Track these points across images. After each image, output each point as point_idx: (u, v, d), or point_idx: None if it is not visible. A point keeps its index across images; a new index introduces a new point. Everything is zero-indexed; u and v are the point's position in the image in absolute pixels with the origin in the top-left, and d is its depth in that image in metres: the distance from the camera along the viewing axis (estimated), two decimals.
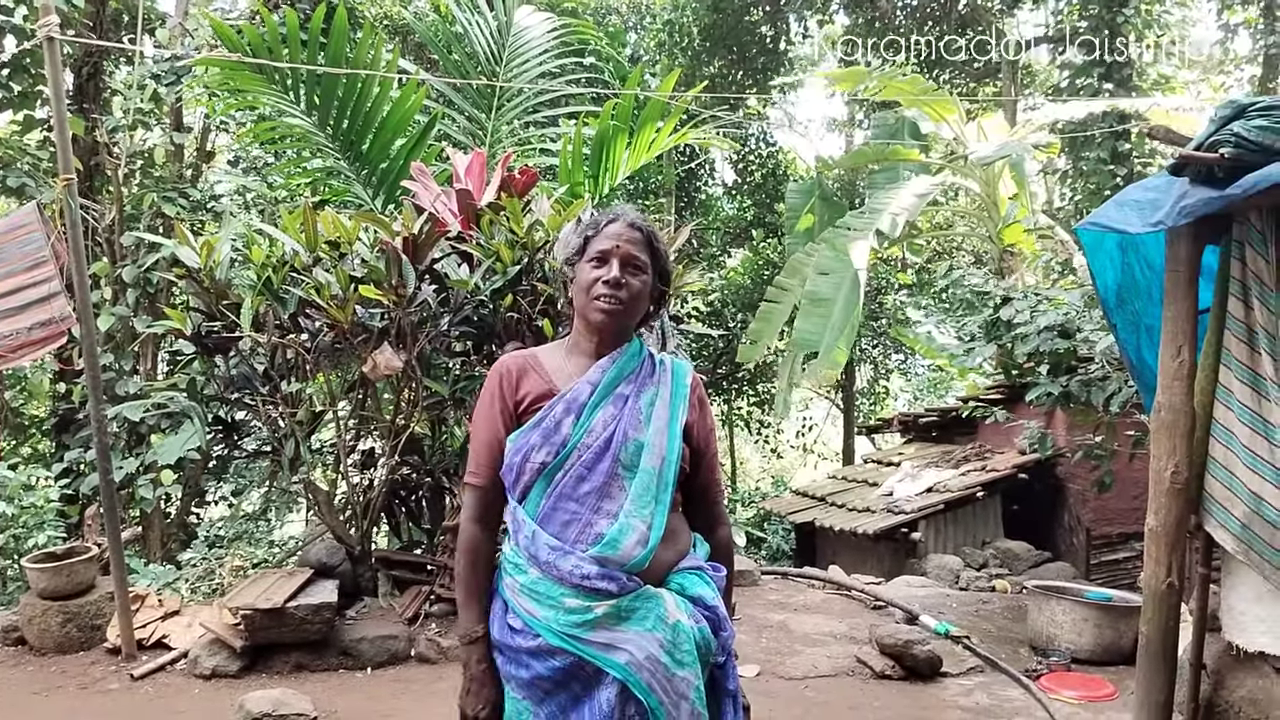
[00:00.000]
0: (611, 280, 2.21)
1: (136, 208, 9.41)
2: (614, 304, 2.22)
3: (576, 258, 2.30)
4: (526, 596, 2.16)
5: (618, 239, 2.24)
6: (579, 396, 2.21)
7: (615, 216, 2.29)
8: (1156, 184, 3.94)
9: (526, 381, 2.28)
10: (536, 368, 2.31)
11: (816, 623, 6.13)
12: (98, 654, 5.48)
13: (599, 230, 2.28)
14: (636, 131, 7.35)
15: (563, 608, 2.10)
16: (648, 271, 2.28)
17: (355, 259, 5.57)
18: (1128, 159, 13.37)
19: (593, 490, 2.16)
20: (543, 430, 2.18)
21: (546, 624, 2.11)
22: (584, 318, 2.28)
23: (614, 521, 2.13)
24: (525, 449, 2.19)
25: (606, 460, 2.17)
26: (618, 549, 2.11)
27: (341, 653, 5.35)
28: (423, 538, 6.57)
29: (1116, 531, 8.86)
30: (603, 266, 2.23)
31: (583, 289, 2.25)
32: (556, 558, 2.11)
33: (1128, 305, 4.43)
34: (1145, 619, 3.98)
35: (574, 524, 2.15)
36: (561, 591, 2.11)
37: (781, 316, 12.29)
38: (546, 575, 2.13)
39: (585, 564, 2.10)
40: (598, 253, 2.24)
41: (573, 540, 2.13)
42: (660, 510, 2.17)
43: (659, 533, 2.16)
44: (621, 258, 2.23)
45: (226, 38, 7.07)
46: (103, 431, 5.42)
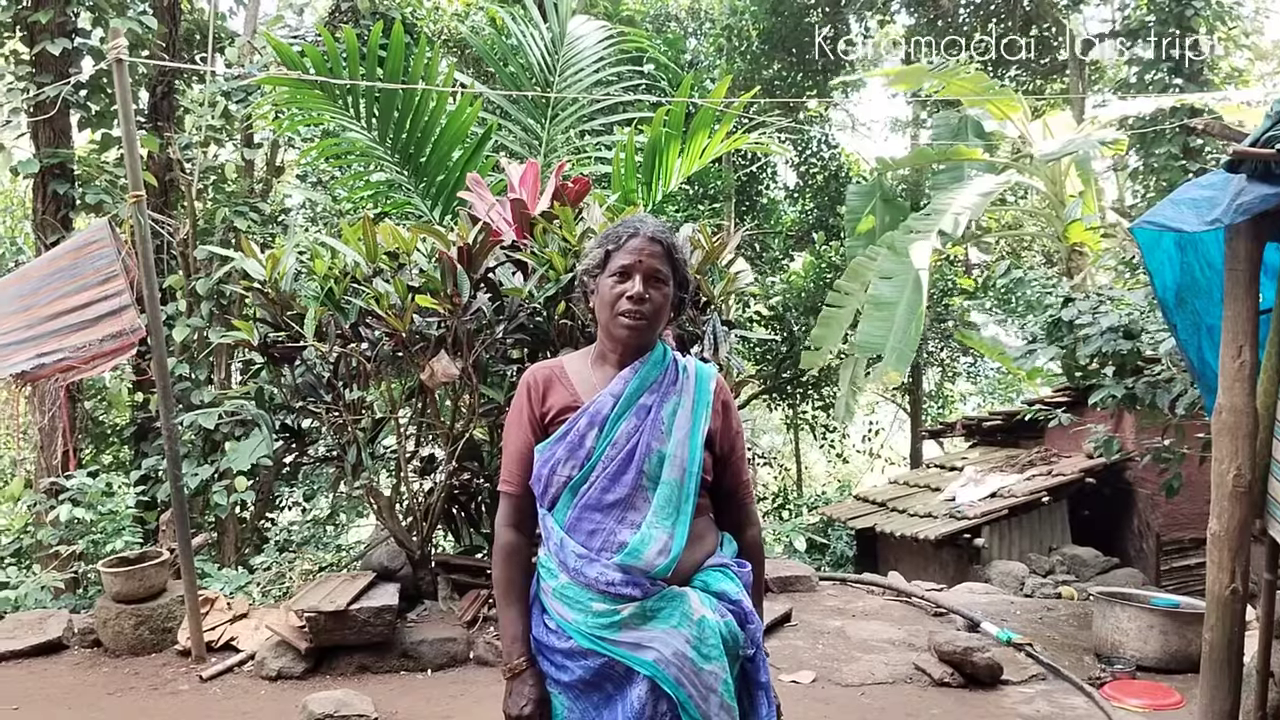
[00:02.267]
0: (635, 295, 2.24)
1: (210, 222, 9.67)
2: (637, 319, 2.25)
3: (598, 271, 2.32)
4: (558, 600, 2.22)
5: (639, 254, 2.26)
6: (602, 410, 2.25)
7: (635, 230, 2.30)
8: (1213, 181, 3.86)
9: (552, 393, 2.32)
10: (562, 378, 2.35)
11: (874, 629, 6.08)
12: (169, 656, 5.66)
13: (620, 245, 2.29)
14: (688, 138, 7.37)
15: (590, 611, 2.16)
16: (669, 283, 2.30)
17: (413, 269, 5.68)
18: (1200, 154, 13.07)
19: (617, 502, 2.21)
20: (567, 444, 2.23)
21: (576, 626, 2.17)
22: (608, 331, 2.31)
23: (636, 532, 2.18)
24: (551, 462, 2.24)
25: (630, 472, 2.21)
26: (640, 558, 2.15)
27: (402, 655, 5.45)
28: (481, 542, 6.65)
29: (1188, 536, 8.62)
30: (625, 281, 2.25)
31: (606, 304, 2.28)
32: (583, 564, 2.17)
33: (1188, 305, 4.34)
34: (1208, 625, 3.89)
35: (598, 534, 2.20)
36: (589, 596, 2.17)
37: (844, 321, 12.20)
38: (574, 581, 2.19)
39: (610, 571, 2.15)
40: (620, 268, 2.26)
41: (598, 549, 2.18)
42: (682, 521, 2.21)
43: (681, 542, 2.20)
44: (644, 272, 2.25)
45: (288, 58, 7.24)
46: (173, 440, 5.59)
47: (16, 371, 5.51)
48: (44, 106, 8.65)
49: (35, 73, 8.90)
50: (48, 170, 8.98)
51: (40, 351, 5.52)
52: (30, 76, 8.87)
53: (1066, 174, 12.28)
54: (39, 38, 8.77)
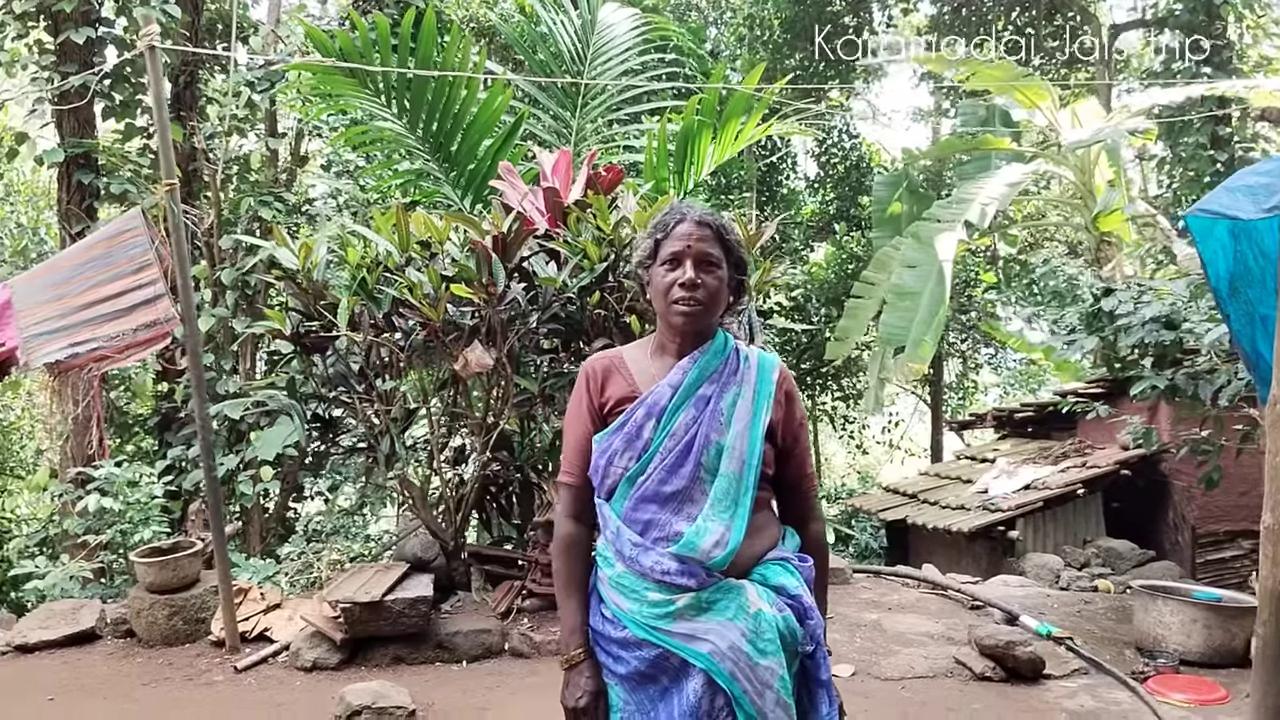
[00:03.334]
0: (687, 282, 2.20)
1: (234, 212, 9.65)
2: (693, 305, 2.21)
3: (649, 261, 2.29)
4: (614, 589, 2.21)
5: (688, 239, 2.23)
6: (659, 400, 2.21)
7: (682, 215, 2.27)
8: (1268, 168, 3.79)
9: (611, 384, 2.30)
10: (621, 369, 2.32)
11: (911, 623, 6.02)
12: (202, 646, 5.64)
13: (668, 232, 2.26)
14: (721, 126, 7.31)
15: (645, 600, 2.14)
16: (722, 266, 2.26)
17: (446, 259, 5.64)
18: (1228, 144, 12.94)
19: (675, 493, 2.18)
20: (625, 435, 2.21)
21: (631, 616, 2.15)
22: (665, 321, 2.28)
23: (692, 524, 2.15)
24: (609, 453, 2.22)
25: (689, 464, 2.18)
26: (695, 549, 2.12)
27: (437, 646, 5.42)
28: (513, 533, 6.63)
29: (1224, 529, 8.53)
30: (677, 269, 2.22)
31: (660, 293, 2.25)
32: (638, 553, 2.15)
33: (1241, 294, 4.26)
34: (1261, 620, 3.83)
35: (655, 525, 2.17)
36: (645, 585, 2.15)
37: (869, 312, 12.13)
38: (630, 570, 2.17)
39: (665, 560, 2.13)
40: (670, 255, 2.23)
41: (654, 538, 2.16)
42: (740, 513, 2.17)
43: (739, 535, 2.16)
44: (694, 257, 2.22)
45: (320, 43, 7.21)
46: (207, 429, 5.57)
47: (50, 361, 5.49)
48: (68, 96, 8.63)
49: (59, 62, 8.87)
50: (72, 160, 8.96)
51: (74, 341, 5.49)
52: (54, 66, 8.85)
53: (1095, 163, 12.17)
54: (63, 27, 8.74)
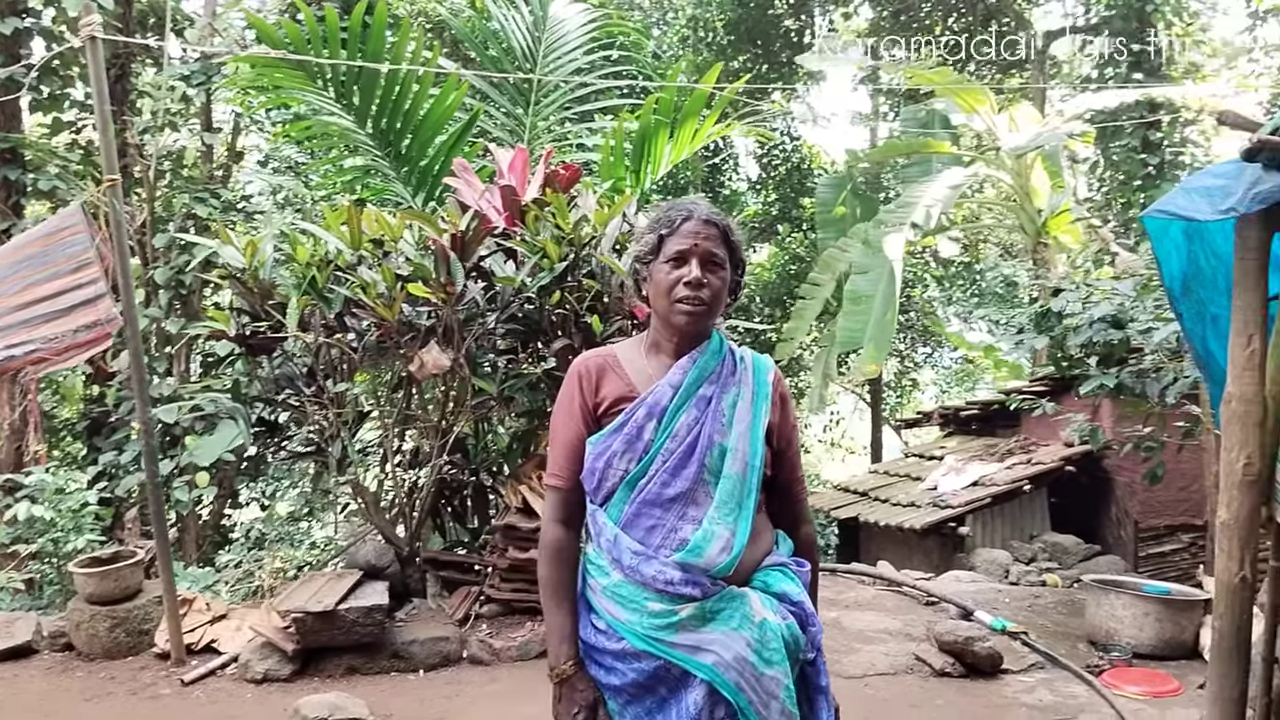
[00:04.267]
0: (693, 281, 2.13)
1: (167, 209, 9.41)
2: (698, 305, 2.15)
3: (651, 257, 2.21)
4: (609, 599, 2.12)
5: (695, 237, 2.16)
6: (660, 400, 2.15)
7: (689, 213, 2.19)
8: (1225, 170, 3.84)
9: (606, 383, 2.22)
10: (616, 368, 2.25)
11: (870, 620, 6.06)
12: (146, 659, 5.45)
13: (674, 228, 2.18)
14: (678, 125, 7.28)
15: (646, 611, 2.06)
16: (726, 266, 2.20)
17: (400, 257, 5.53)
18: (1159, 148, 13.25)
19: (678, 496, 2.11)
20: (625, 436, 2.13)
21: (630, 627, 2.08)
22: (665, 319, 2.21)
23: (698, 528, 2.08)
24: (607, 455, 2.14)
25: (692, 466, 2.11)
26: (702, 555, 2.06)
27: (393, 655, 5.31)
28: (468, 537, 6.53)
29: (1164, 524, 8.75)
30: (682, 266, 2.15)
31: (663, 291, 2.17)
32: (640, 562, 2.08)
33: (1193, 294, 4.33)
34: (1217, 614, 3.89)
35: (658, 530, 2.10)
36: (645, 595, 2.08)
37: (814, 312, 12.23)
38: (629, 579, 2.10)
39: (669, 569, 2.06)
40: (676, 252, 2.16)
41: (656, 546, 2.09)
42: (745, 516, 2.12)
43: (744, 539, 2.11)
44: (701, 256, 2.15)
45: (266, 34, 7.04)
46: (149, 434, 5.40)
47: None
48: None
49: None
50: None
51: (9, 343, 5.27)
52: None
53: (1032, 167, 12.38)
54: None
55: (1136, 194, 13.15)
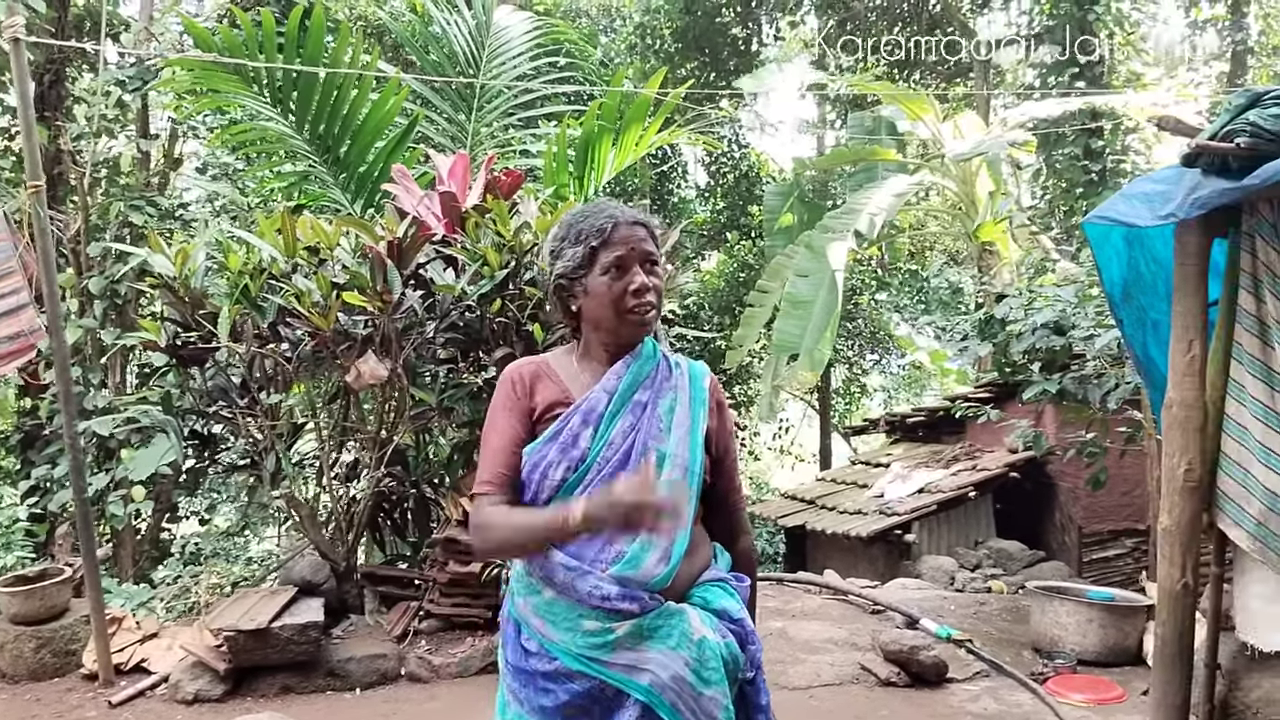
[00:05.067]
0: (640, 288, 2.07)
1: (102, 217, 9.16)
2: (648, 311, 2.09)
3: (582, 272, 2.11)
4: (541, 618, 2.03)
5: (629, 242, 2.08)
6: (596, 406, 2.07)
7: (615, 219, 2.09)
8: (1165, 176, 3.86)
9: (541, 388, 2.14)
10: (549, 374, 2.17)
11: (816, 629, 6.01)
12: (73, 680, 5.27)
13: (605, 238, 2.08)
14: (622, 131, 7.21)
15: (580, 629, 1.98)
16: (660, 264, 2.14)
17: (336, 265, 5.41)
18: (1101, 155, 13.38)
19: None
20: (559, 445, 2.05)
21: (564, 646, 1.99)
22: (611, 331, 2.13)
23: (634, 538, 1.99)
24: (542, 465, 2.05)
25: (628, 474, 2.02)
26: (639, 567, 1.98)
27: (329, 674, 5.18)
28: (409, 551, 6.40)
29: (1108, 529, 8.81)
30: (625, 275, 2.07)
31: (607, 304, 2.08)
32: (573, 578, 1.98)
33: (1134, 300, 4.34)
34: (1160, 620, 3.89)
35: (593, 542, 2.00)
36: (579, 613, 1.99)
37: (763, 319, 12.23)
38: (562, 596, 2.00)
39: (605, 584, 1.97)
40: (614, 261, 2.07)
41: (591, 559, 2.00)
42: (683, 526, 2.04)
43: (682, 549, 2.03)
44: (640, 260, 2.09)
45: (201, 38, 6.87)
46: (77, 449, 5.22)
47: None
48: None
49: None
50: None
51: None
52: None
53: (976, 174, 12.49)
54: None
55: (1079, 201, 13.27)
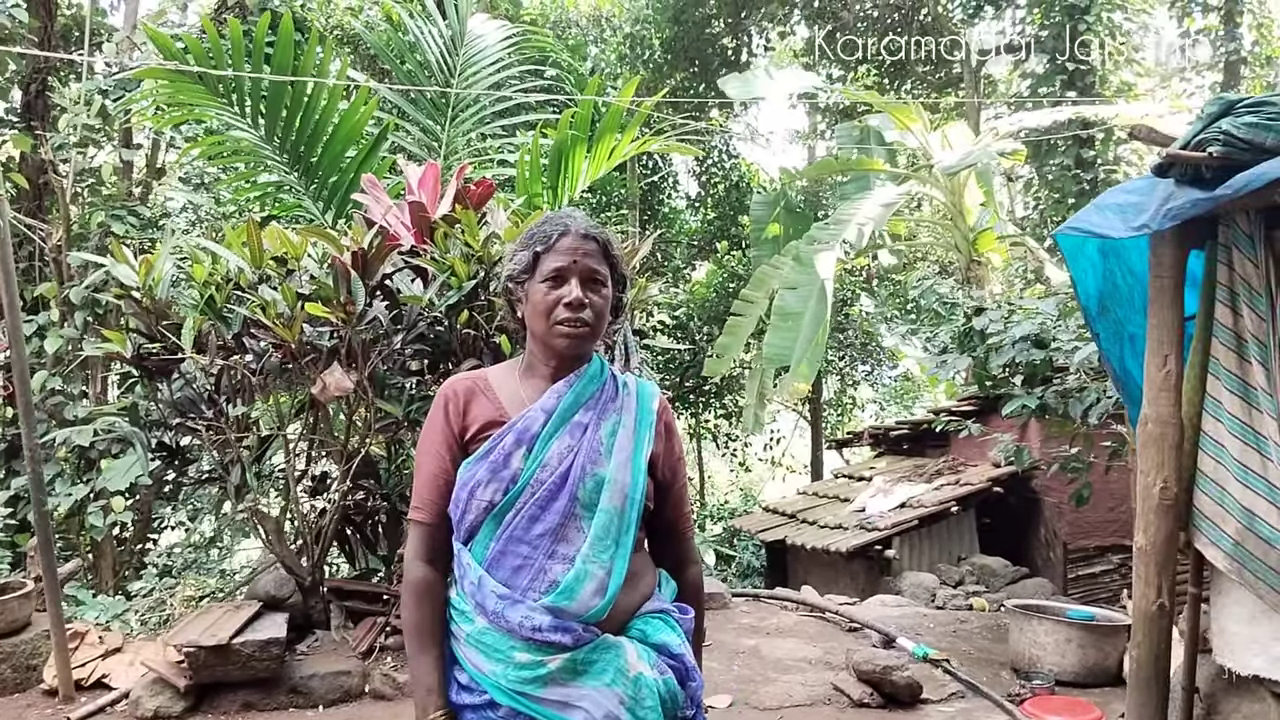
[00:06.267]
0: (574, 302, 1.98)
1: (85, 227, 9.10)
2: (579, 327, 2.00)
3: (525, 276, 2.05)
4: (473, 648, 1.94)
5: (573, 254, 2.00)
6: (530, 426, 1.98)
7: (565, 227, 2.03)
8: (1138, 186, 3.77)
9: (475, 406, 2.05)
10: (486, 391, 2.08)
11: (790, 648, 5.91)
12: (33, 696, 5.15)
13: (550, 245, 2.02)
14: (595, 141, 7.12)
15: (512, 662, 1.88)
16: (608, 284, 2.05)
17: (303, 275, 5.31)
18: (1092, 165, 13.33)
19: (547, 532, 1.93)
20: (490, 464, 1.96)
21: (494, 679, 1.89)
22: (543, 342, 2.05)
23: (570, 567, 1.91)
24: (471, 484, 1.96)
25: (562, 499, 1.94)
26: (574, 598, 1.89)
27: (291, 690, 5.06)
28: (379, 565, 6.29)
29: (1093, 545, 8.70)
30: (561, 286, 1.99)
31: (540, 312, 2.01)
32: (505, 607, 1.89)
33: (1110, 313, 4.25)
34: (1135, 642, 3.80)
35: (525, 569, 1.92)
36: (511, 644, 1.89)
37: (748, 329, 12.15)
38: (494, 625, 1.91)
39: (536, 614, 1.88)
40: (553, 271, 2.00)
41: (524, 588, 1.91)
42: (621, 555, 1.95)
43: (619, 579, 1.94)
44: (580, 274, 2.00)
45: (165, 47, 6.77)
46: (36, 461, 5.10)
47: None
48: None
49: None
50: None
51: None
52: None
53: (965, 185, 12.42)
54: None
55: (1069, 212, 13.22)
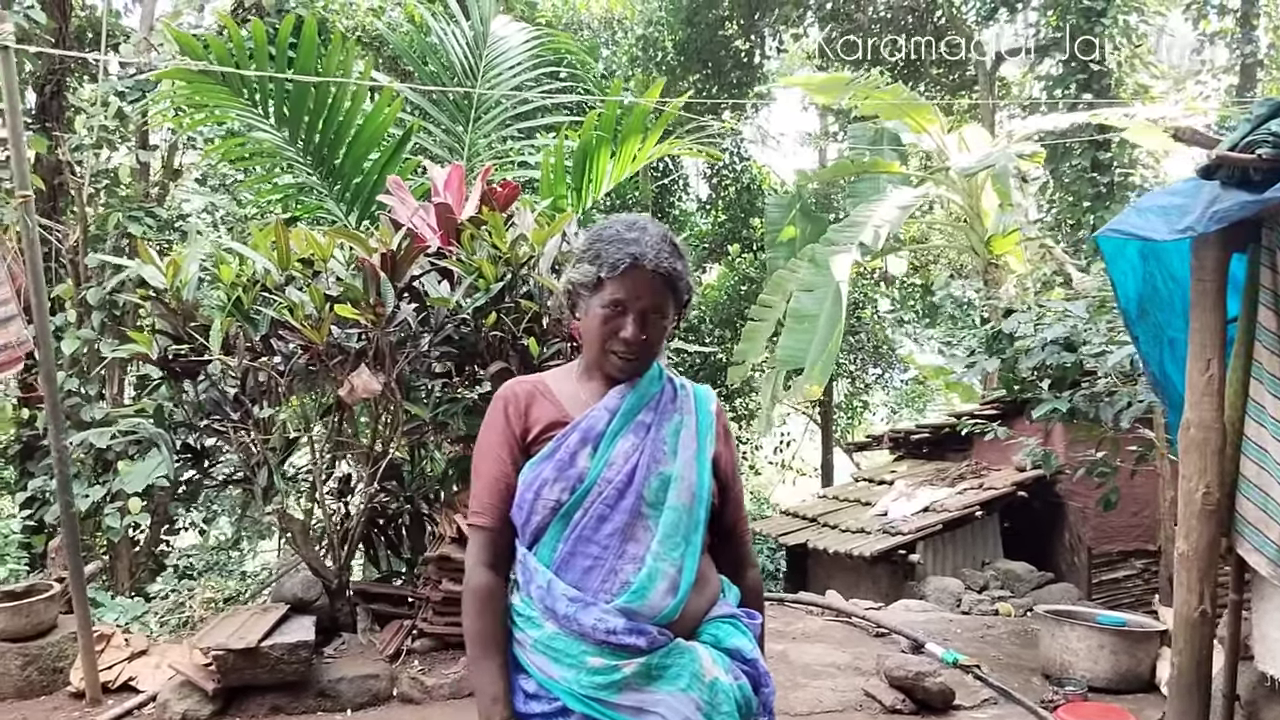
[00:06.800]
0: (630, 338, 1.95)
1: (101, 228, 9.09)
2: (631, 360, 1.97)
3: (586, 291, 2.00)
4: (541, 654, 1.89)
5: (638, 290, 1.93)
6: (595, 425, 1.95)
7: (636, 258, 1.92)
8: (1182, 188, 3.74)
9: (536, 408, 2.02)
10: (546, 394, 2.04)
11: (818, 653, 5.87)
12: (60, 699, 5.14)
13: (618, 273, 1.93)
14: (620, 143, 7.10)
15: (585, 667, 1.84)
16: (669, 315, 2.01)
17: (330, 277, 5.29)
18: (1108, 168, 13.28)
19: (615, 531, 1.90)
20: (556, 463, 1.92)
21: (567, 685, 1.85)
22: (596, 361, 2.03)
23: (640, 567, 1.87)
24: (536, 484, 1.92)
25: (630, 497, 1.91)
26: (646, 598, 1.85)
27: (320, 694, 5.03)
28: (402, 568, 6.27)
29: (1117, 549, 8.63)
30: (617, 319, 1.95)
31: (595, 336, 1.98)
32: (577, 610, 1.85)
33: (1150, 317, 4.21)
34: (1177, 649, 3.76)
35: (596, 570, 1.88)
36: (583, 649, 1.85)
37: (766, 333, 12.11)
38: (565, 630, 1.87)
39: (610, 617, 1.84)
40: (613, 301, 1.94)
41: (595, 590, 1.87)
42: (691, 553, 1.92)
43: (690, 579, 1.91)
44: (641, 311, 1.95)
45: (191, 48, 6.76)
46: (64, 462, 5.09)
47: None
48: None
49: None
50: None
51: None
52: None
53: (982, 188, 12.37)
54: None
55: (1085, 215, 13.18)
